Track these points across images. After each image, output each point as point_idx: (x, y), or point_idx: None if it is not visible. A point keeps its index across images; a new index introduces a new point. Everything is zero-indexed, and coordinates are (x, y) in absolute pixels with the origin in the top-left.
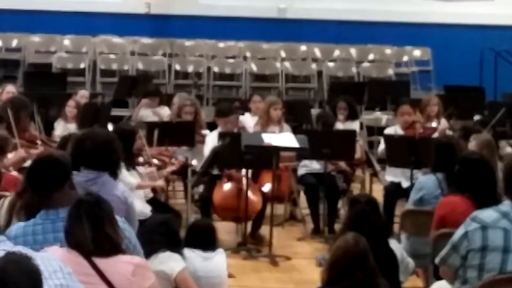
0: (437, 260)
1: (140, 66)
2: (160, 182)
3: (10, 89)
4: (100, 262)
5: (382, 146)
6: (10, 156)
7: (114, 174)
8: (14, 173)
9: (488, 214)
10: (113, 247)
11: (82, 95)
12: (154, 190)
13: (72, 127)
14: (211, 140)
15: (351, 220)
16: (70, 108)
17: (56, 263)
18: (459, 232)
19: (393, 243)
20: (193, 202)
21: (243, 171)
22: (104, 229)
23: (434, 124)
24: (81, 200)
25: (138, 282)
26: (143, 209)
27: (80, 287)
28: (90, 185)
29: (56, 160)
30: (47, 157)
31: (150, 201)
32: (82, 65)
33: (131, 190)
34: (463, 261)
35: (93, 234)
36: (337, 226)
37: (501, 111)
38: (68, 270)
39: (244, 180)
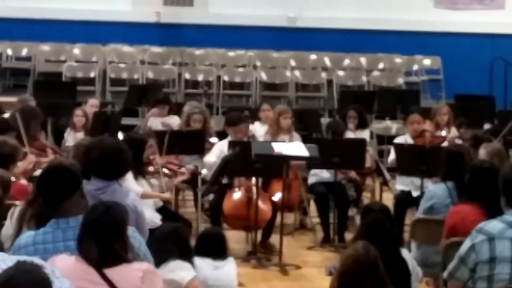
0: (445, 275)
1: (150, 75)
2: (167, 195)
3: (94, 103)
4: (109, 271)
5: (392, 156)
6: (20, 164)
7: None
8: (24, 181)
9: (493, 225)
10: (119, 260)
11: (92, 104)
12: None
13: (80, 136)
14: (218, 148)
15: (367, 228)
16: (78, 117)
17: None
18: (466, 245)
19: (404, 252)
20: (203, 211)
21: (253, 180)
22: (110, 244)
23: (444, 133)
24: (88, 213)
25: None
26: (153, 218)
27: None
28: (99, 194)
29: (66, 169)
30: (57, 166)
31: (159, 210)
32: (92, 74)
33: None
34: (471, 274)
35: (99, 249)
36: (347, 235)
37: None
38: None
39: (254, 189)
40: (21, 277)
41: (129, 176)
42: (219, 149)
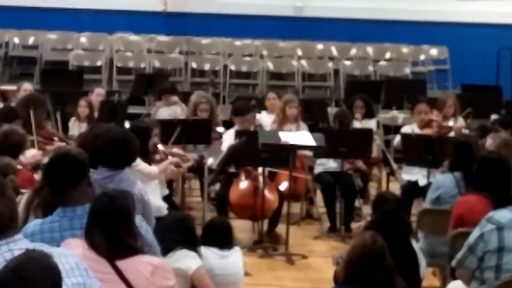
0: (453, 263)
1: (157, 64)
2: (174, 159)
3: (27, 87)
4: (120, 263)
5: (397, 139)
6: (28, 153)
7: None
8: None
9: (503, 215)
10: (129, 250)
11: (98, 93)
12: (170, 186)
13: (85, 127)
14: (229, 137)
15: (383, 218)
16: (82, 108)
17: (72, 259)
18: (474, 234)
19: (413, 243)
20: (209, 200)
21: (260, 169)
22: (118, 234)
23: (451, 123)
24: (93, 203)
25: (157, 283)
26: (159, 206)
27: (97, 284)
28: (106, 182)
29: (74, 157)
30: (64, 154)
31: (165, 199)
32: (98, 63)
33: (153, 178)
34: (479, 263)
35: (107, 240)
36: (354, 225)
37: None
38: (84, 266)
39: (260, 178)
40: (30, 264)
41: (139, 160)
42: (230, 139)
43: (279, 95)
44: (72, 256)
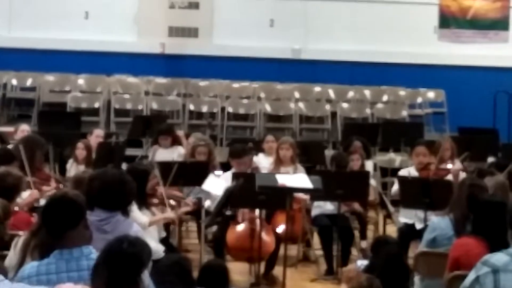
0: None
1: (155, 106)
2: (171, 214)
3: (25, 128)
4: None
5: (395, 187)
6: (25, 194)
7: (126, 214)
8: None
9: (498, 258)
10: None
11: (98, 134)
12: (167, 229)
13: (83, 169)
14: (225, 179)
15: (385, 261)
16: (79, 150)
17: None
18: (470, 277)
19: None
20: (206, 243)
21: (257, 211)
22: (122, 280)
23: (449, 166)
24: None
25: None
26: (156, 249)
27: None
28: (103, 224)
29: (71, 199)
30: (62, 196)
31: (162, 241)
32: (96, 105)
33: (144, 229)
34: None
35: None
36: (345, 269)
37: None
38: None
39: (257, 221)
40: None
41: (134, 207)
42: (225, 180)
43: (277, 137)
44: None
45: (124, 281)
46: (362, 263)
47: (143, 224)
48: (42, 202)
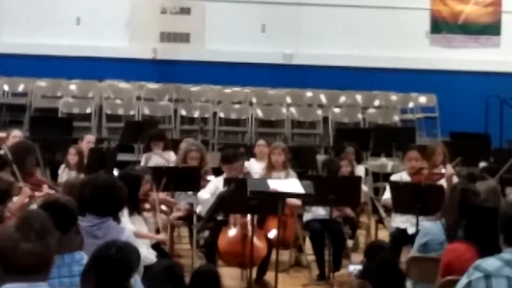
0: None
1: (146, 111)
2: (162, 236)
3: (17, 134)
4: None
5: (386, 195)
6: (16, 199)
7: (117, 219)
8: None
9: (490, 263)
10: None
11: (89, 140)
12: (159, 234)
13: (74, 174)
14: (214, 185)
15: (379, 266)
16: (71, 155)
17: None
18: (462, 282)
19: None
20: (198, 248)
21: (249, 216)
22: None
23: (443, 170)
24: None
25: None
26: (148, 254)
27: None
28: (95, 230)
29: (63, 205)
30: (53, 202)
31: (153, 247)
32: (88, 110)
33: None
34: None
35: None
36: (337, 273)
37: (510, 161)
38: None
39: (249, 226)
40: None
41: (125, 213)
42: (214, 186)
43: (269, 142)
44: None
45: (112, 286)
46: (355, 268)
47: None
48: (34, 206)
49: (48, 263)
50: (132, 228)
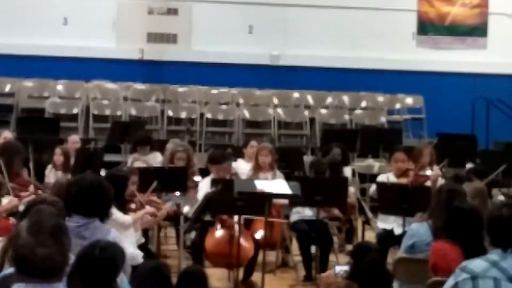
0: None
1: (133, 111)
2: (150, 209)
3: (7, 135)
4: None
5: (373, 187)
6: (4, 201)
7: (105, 219)
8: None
9: (477, 264)
10: None
11: (73, 140)
12: (146, 235)
13: (60, 175)
14: (204, 186)
15: (367, 267)
16: (57, 156)
17: None
18: (449, 283)
19: None
20: (185, 248)
21: (236, 217)
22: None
23: (429, 172)
24: (79, 258)
25: None
26: (135, 255)
27: None
28: (82, 230)
29: (50, 205)
30: (40, 202)
31: (140, 247)
32: (75, 111)
33: (128, 227)
34: None
35: None
36: (322, 274)
37: (501, 167)
38: None
39: (236, 227)
40: None
41: (114, 209)
42: (205, 187)
43: (260, 143)
44: None
45: (99, 286)
46: (341, 268)
47: (127, 222)
48: (21, 207)
49: (65, 265)
50: (128, 218)
